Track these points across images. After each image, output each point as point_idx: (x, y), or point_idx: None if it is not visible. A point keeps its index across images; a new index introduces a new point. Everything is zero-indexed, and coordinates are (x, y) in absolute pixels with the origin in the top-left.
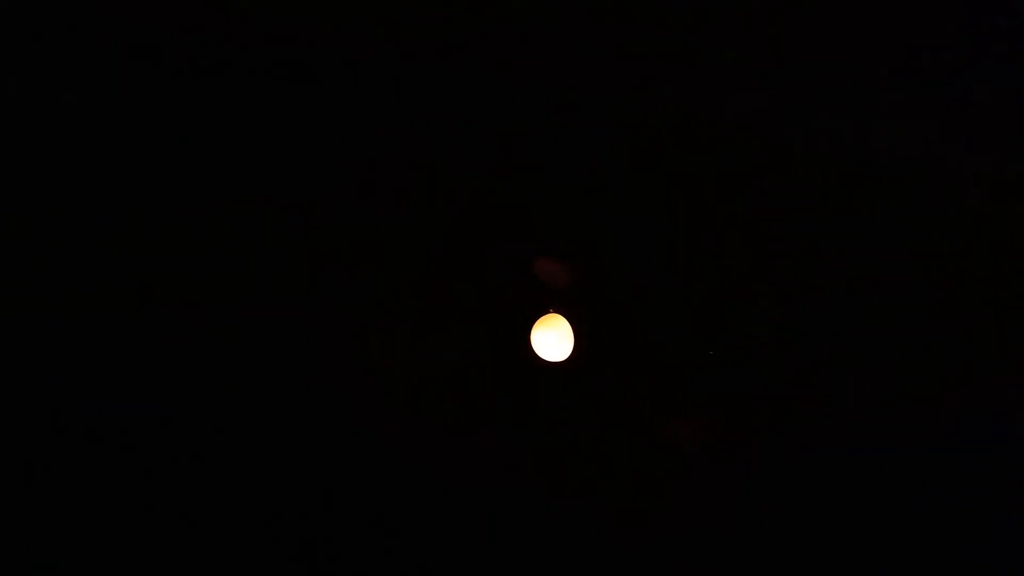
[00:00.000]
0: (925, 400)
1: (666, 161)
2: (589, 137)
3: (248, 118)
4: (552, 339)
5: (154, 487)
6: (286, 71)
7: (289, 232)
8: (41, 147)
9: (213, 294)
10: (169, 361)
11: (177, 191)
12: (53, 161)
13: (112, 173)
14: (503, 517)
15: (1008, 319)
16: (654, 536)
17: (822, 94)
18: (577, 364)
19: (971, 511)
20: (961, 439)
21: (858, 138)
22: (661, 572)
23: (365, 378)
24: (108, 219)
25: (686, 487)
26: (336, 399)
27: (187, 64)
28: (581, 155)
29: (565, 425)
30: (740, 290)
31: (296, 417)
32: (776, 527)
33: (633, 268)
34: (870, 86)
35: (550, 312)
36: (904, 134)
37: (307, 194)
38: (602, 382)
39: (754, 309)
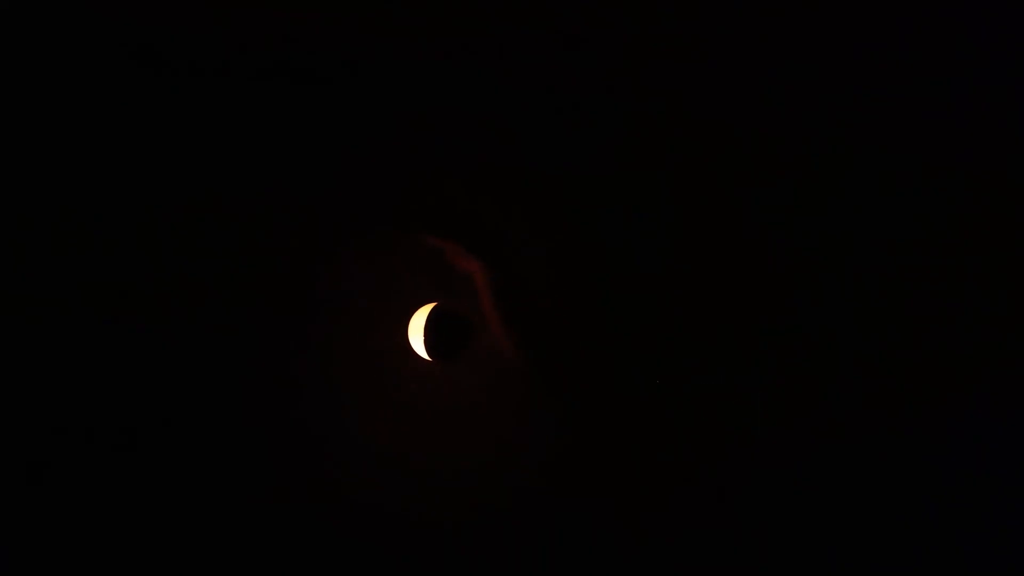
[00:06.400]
0: (924, 400)
1: (661, 163)
2: (588, 137)
3: (248, 118)
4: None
5: (153, 487)
6: (286, 71)
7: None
8: (41, 147)
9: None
10: (168, 361)
11: (176, 191)
12: (53, 161)
13: (112, 173)
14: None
15: (1008, 319)
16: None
17: (821, 93)
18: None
19: (971, 511)
20: (960, 439)
21: (856, 137)
22: None
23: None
24: (108, 219)
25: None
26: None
27: (187, 64)
28: (580, 155)
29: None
30: (735, 289)
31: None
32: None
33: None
34: (868, 85)
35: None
36: (903, 133)
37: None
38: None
39: (749, 310)
